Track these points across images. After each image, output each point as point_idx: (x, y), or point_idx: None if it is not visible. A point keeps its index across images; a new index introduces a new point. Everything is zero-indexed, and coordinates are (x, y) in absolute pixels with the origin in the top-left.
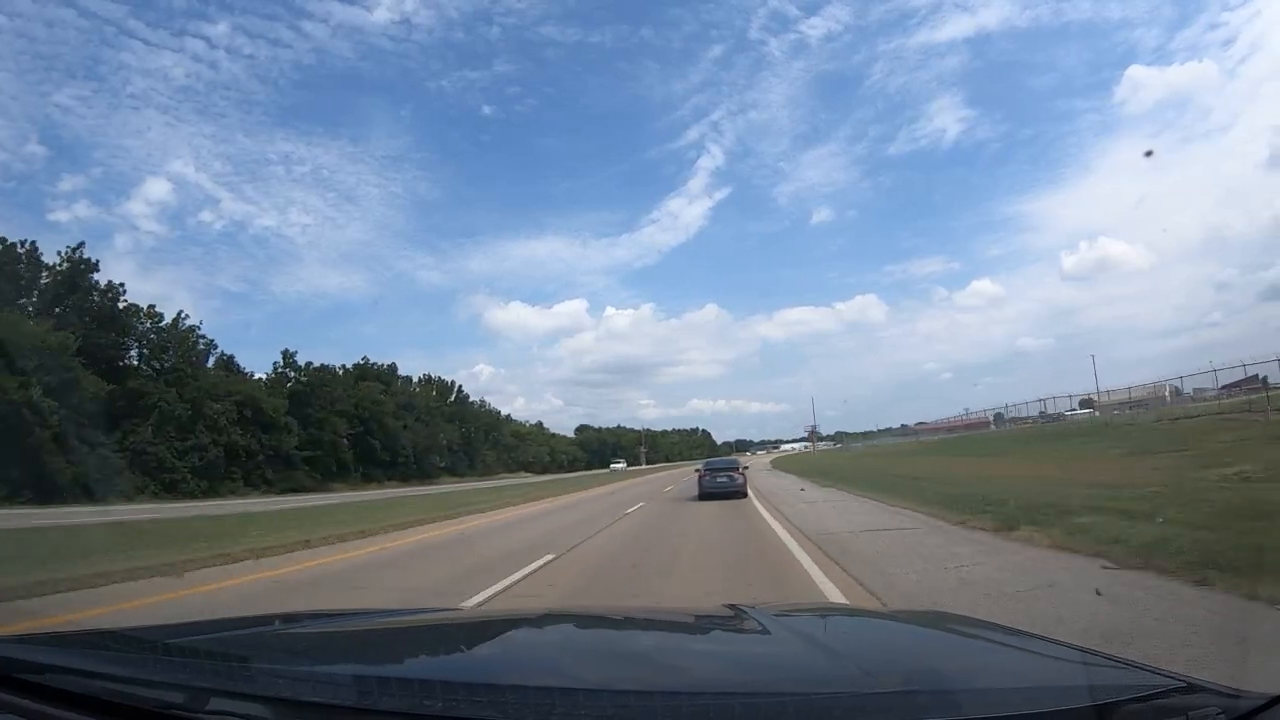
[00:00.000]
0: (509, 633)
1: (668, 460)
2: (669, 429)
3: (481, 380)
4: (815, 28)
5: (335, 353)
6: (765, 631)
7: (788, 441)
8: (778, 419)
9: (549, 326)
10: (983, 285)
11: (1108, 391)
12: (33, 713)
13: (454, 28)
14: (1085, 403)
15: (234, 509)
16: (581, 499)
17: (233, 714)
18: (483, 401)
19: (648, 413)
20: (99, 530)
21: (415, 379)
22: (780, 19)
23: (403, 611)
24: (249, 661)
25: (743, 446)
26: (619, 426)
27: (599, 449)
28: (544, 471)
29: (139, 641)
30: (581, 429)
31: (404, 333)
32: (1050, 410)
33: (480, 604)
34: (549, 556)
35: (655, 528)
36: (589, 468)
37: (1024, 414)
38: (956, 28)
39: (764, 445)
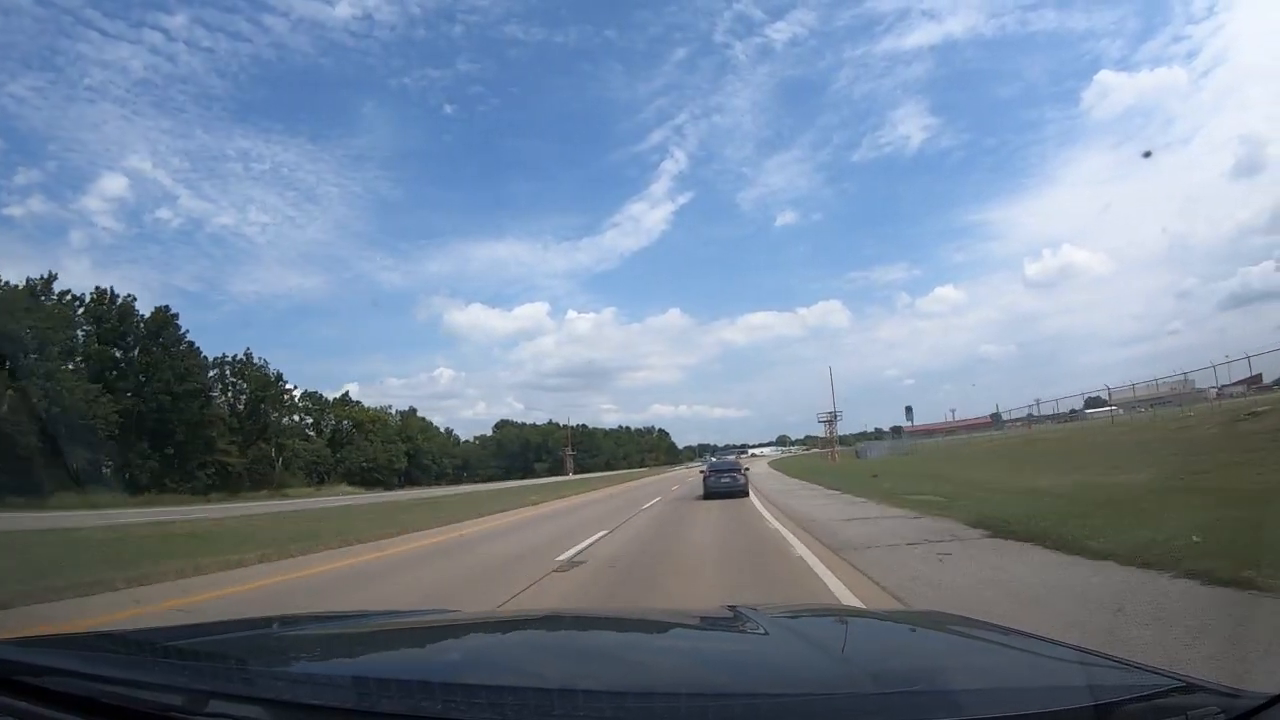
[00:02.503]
0: (508, 634)
1: (609, 468)
2: (616, 426)
3: (442, 383)
4: (780, 32)
5: (291, 355)
6: (765, 633)
7: (754, 446)
8: (740, 424)
9: (510, 329)
10: (946, 291)
11: (1133, 387)
12: (32, 715)
13: (416, 25)
14: (1093, 401)
15: None
16: None
17: (231, 716)
18: (249, 357)
19: (609, 418)
20: None
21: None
22: (745, 22)
23: (402, 613)
24: (247, 664)
25: (704, 451)
26: (549, 422)
27: (519, 451)
28: (411, 484)
29: (138, 644)
30: (501, 425)
31: (364, 335)
32: (1037, 413)
33: None
34: None
35: None
36: (507, 477)
37: (1013, 416)
38: (923, 35)
39: (729, 450)
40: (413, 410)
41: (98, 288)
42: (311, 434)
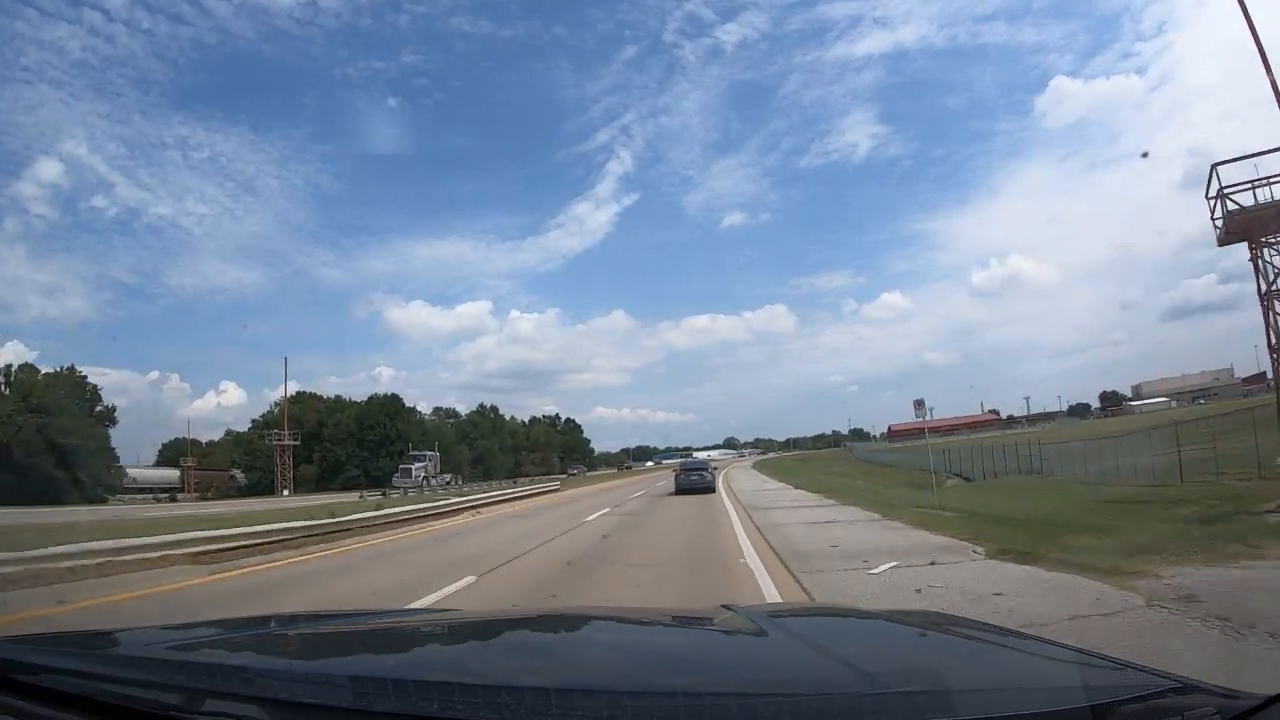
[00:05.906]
0: (506, 633)
1: (450, 472)
2: (478, 407)
3: (382, 382)
4: (731, 34)
5: (230, 352)
6: (761, 632)
7: (699, 449)
8: (683, 428)
9: (451, 329)
10: (892, 298)
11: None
12: (28, 713)
13: (362, 13)
14: (1107, 397)
15: None
16: None
17: (228, 715)
18: None
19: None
20: None
21: None
22: (696, 23)
23: (400, 612)
24: (245, 662)
25: (641, 455)
26: (372, 397)
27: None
28: None
29: (135, 642)
30: (298, 399)
31: (304, 331)
32: (1025, 410)
33: None
34: None
35: None
36: (264, 488)
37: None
38: (874, 43)
39: (670, 454)
40: None
41: None
42: None
